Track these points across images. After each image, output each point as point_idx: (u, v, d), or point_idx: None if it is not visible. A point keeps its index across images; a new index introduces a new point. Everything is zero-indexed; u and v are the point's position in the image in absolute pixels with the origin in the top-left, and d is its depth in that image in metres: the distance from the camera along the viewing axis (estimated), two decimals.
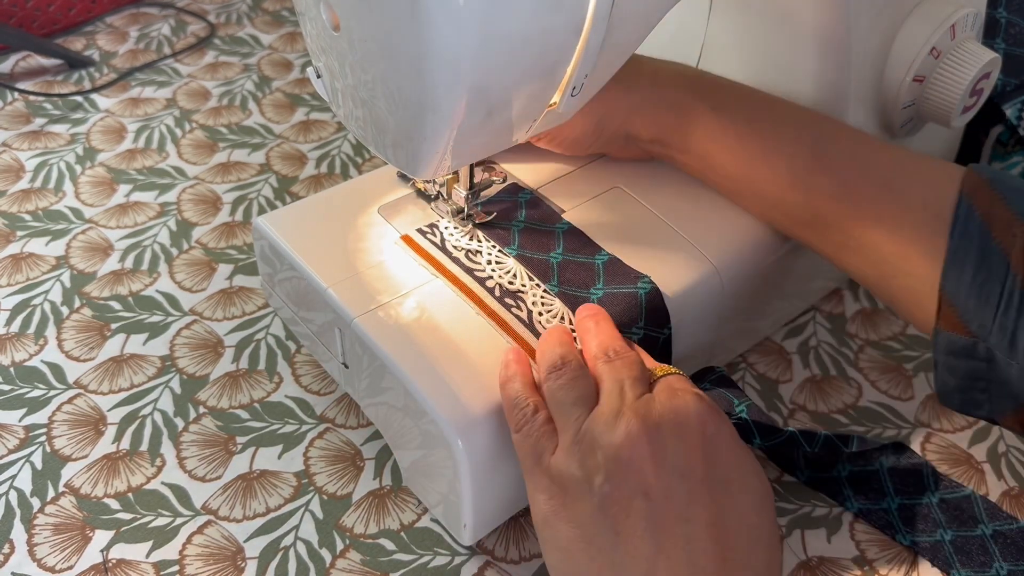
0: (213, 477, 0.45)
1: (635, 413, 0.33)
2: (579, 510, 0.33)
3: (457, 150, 0.36)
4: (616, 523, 0.32)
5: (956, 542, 0.42)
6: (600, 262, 0.44)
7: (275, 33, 0.80)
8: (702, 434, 0.33)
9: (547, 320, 0.41)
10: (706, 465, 0.32)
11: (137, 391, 0.49)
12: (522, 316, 0.42)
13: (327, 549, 0.42)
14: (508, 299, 0.42)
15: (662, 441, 0.32)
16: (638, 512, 0.31)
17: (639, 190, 0.49)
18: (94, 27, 0.80)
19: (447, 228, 0.45)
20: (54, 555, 0.42)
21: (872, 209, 0.42)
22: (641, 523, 0.31)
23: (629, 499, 0.32)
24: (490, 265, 0.43)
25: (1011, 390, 0.39)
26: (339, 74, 0.36)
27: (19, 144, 0.66)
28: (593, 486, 0.32)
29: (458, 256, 0.44)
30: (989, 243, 0.38)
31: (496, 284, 0.43)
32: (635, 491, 0.32)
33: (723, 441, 0.33)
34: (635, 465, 0.32)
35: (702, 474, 0.32)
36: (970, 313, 0.38)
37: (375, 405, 0.44)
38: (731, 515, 0.32)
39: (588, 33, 0.33)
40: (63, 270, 0.56)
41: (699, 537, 0.31)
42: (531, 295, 0.42)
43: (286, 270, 0.46)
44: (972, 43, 0.48)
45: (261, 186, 0.63)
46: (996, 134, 0.59)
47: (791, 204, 0.45)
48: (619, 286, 0.42)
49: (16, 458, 0.46)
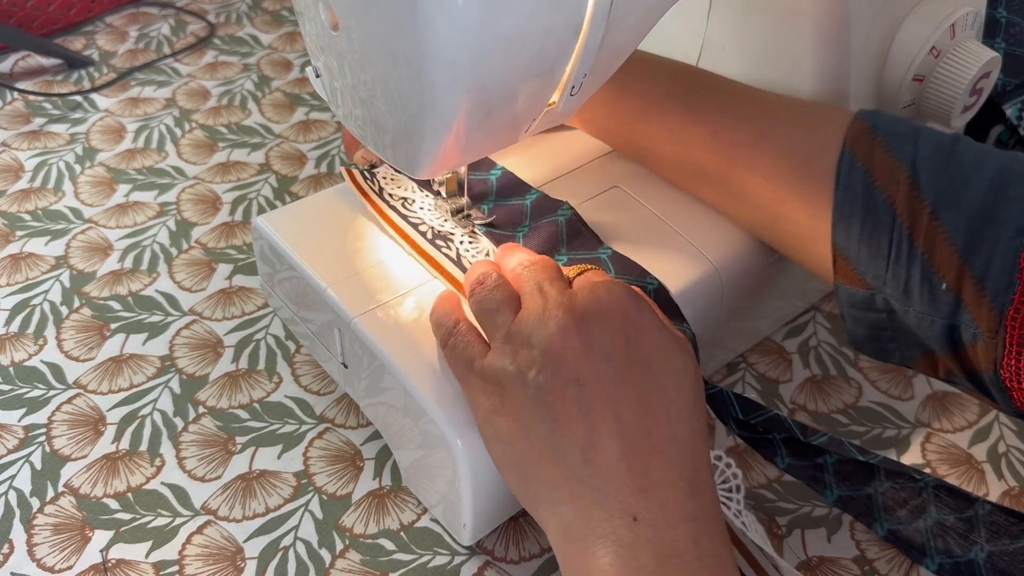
0: (213, 477, 0.45)
1: (561, 307, 0.35)
2: (516, 402, 0.34)
3: (456, 149, 0.36)
4: (552, 410, 0.34)
5: (934, 529, 0.42)
6: (605, 255, 0.44)
7: (275, 33, 0.80)
8: (624, 319, 0.35)
9: (473, 256, 0.44)
10: (629, 347, 0.34)
11: (137, 391, 0.49)
12: (451, 255, 0.44)
13: (327, 549, 0.42)
14: (439, 240, 0.44)
15: (589, 330, 0.34)
16: (572, 397, 0.33)
17: (639, 190, 0.48)
18: (94, 27, 0.80)
19: (385, 177, 0.48)
20: (53, 555, 0.42)
21: (745, 157, 0.43)
22: (575, 407, 0.33)
23: (563, 387, 0.34)
24: (423, 210, 0.46)
25: (916, 338, 0.39)
26: (338, 74, 0.36)
27: (19, 144, 0.66)
28: (527, 379, 0.34)
29: (395, 205, 0.46)
30: (873, 194, 0.39)
31: (428, 227, 0.45)
32: (568, 379, 0.34)
33: (644, 324, 0.35)
34: (567, 355, 0.34)
35: (626, 356, 0.34)
36: (863, 265, 0.39)
37: (375, 405, 0.44)
38: (654, 392, 0.34)
39: (587, 32, 0.33)
40: (63, 270, 0.56)
41: (626, 414, 0.33)
42: (459, 235, 0.45)
43: (285, 270, 0.46)
44: (972, 43, 0.48)
45: (261, 186, 0.63)
46: (996, 134, 0.59)
47: (673, 158, 0.46)
48: (627, 279, 0.43)
49: (16, 458, 0.46)
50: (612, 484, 0.32)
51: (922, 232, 0.37)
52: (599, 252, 0.44)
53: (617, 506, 0.32)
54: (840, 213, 0.40)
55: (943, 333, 0.38)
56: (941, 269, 0.37)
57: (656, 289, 0.42)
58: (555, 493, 0.33)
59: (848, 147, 0.40)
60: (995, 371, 0.36)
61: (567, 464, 0.33)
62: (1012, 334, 0.35)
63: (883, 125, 0.40)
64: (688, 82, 0.46)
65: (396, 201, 0.46)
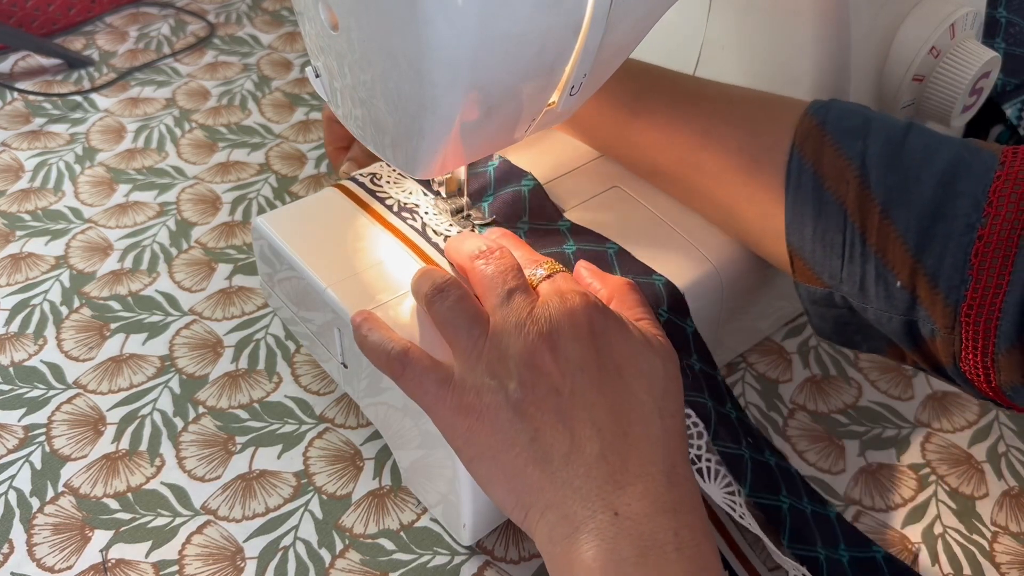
0: (212, 477, 0.45)
1: (534, 322, 0.36)
2: (496, 417, 0.35)
3: (455, 149, 0.36)
4: (532, 420, 0.34)
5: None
6: (611, 251, 0.44)
7: (275, 33, 0.80)
8: (591, 330, 0.36)
9: (435, 224, 0.45)
10: (600, 356, 0.35)
11: (136, 391, 0.49)
12: (416, 227, 0.45)
13: (327, 549, 0.42)
14: (404, 212, 0.46)
15: (562, 344, 0.35)
16: (551, 407, 0.34)
17: (639, 190, 0.48)
18: (93, 27, 0.80)
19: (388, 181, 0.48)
20: (53, 555, 0.42)
21: (694, 159, 0.44)
22: (554, 416, 0.34)
23: (542, 398, 0.35)
24: (427, 215, 0.46)
25: (878, 331, 0.40)
26: (338, 74, 0.36)
27: (18, 144, 0.66)
28: (508, 392, 0.35)
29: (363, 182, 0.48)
30: (823, 194, 0.39)
31: (395, 201, 0.46)
32: (547, 390, 0.35)
33: (612, 332, 0.36)
34: (544, 369, 0.35)
35: (598, 365, 0.35)
36: (819, 265, 0.40)
37: (375, 405, 0.44)
38: (626, 396, 0.35)
39: (586, 32, 0.33)
40: (62, 270, 0.56)
41: (602, 417, 0.34)
42: (424, 206, 0.46)
43: (285, 270, 0.46)
44: (972, 42, 0.48)
45: (260, 186, 0.63)
46: (996, 134, 0.59)
47: (631, 158, 0.47)
48: (634, 276, 0.43)
49: (15, 458, 0.46)
50: (593, 482, 0.33)
51: (874, 231, 0.38)
52: (606, 247, 0.44)
53: (599, 503, 0.33)
54: (792, 214, 0.40)
55: (902, 329, 0.38)
56: (895, 267, 0.37)
57: (664, 284, 0.43)
58: (541, 498, 0.34)
59: (797, 147, 0.40)
60: (955, 364, 0.37)
61: (551, 468, 0.34)
62: (967, 330, 0.35)
63: (832, 121, 0.40)
64: (640, 81, 0.46)
65: (438, 236, 0.45)
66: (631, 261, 0.44)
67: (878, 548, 0.42)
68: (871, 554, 0.41)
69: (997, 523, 0.45)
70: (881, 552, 0.41)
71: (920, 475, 0.47)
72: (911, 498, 0.46)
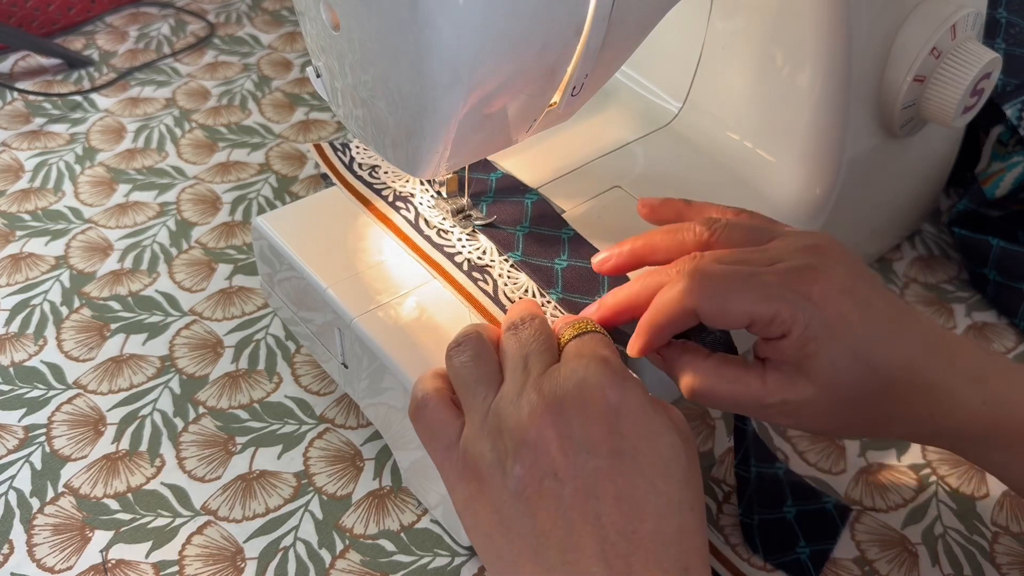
0: (212, 477, 0.45)
1: (537, 390, 0.32)
2: (495, 495, 0.32)
3: (456, 150, 0.36)
4: (531, 505, 0.31)
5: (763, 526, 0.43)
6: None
7: (275, 33, 0.80)
8: (605, 405, 0.32)
9: (512, 292, 0.43)
10: (612, 436, 0.31)
11: (137, 391, 0.49)
12: (409, 217, 0.45)
13: (327, 550, 0.42)
14: (399, 202, 0.45)
15: (565, 417, 0.31)
16: (549, 493, 0.31)
17: (639, 190, 0.48)
18: (93, 27, 0.80)
19: (357, 149, 0.49)
20: (53, 555, 0.42)
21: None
22: (553, 504, 0.31)
23: (540, 480, 0.31)
24: (459, 242, 0.45)
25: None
26: (339, 74, 0.36)
27: (18, 144, 0.66)
28: (506, 469, 0.32)
29: (362, 175, 0.47)
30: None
31: (391, 191, 0.46)
32: (545, 472, 0.31)
33: (628, 408, 0.32)
34: (541, 446, 0.31)
35: (608, 448, 0.31)
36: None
37: (375, 405, 0.44)
38: (639, 485, 0.31)
39: (588, 33, 0.33)
40: (63, 270, 0.56)
41: (607, 512, 0.30)
42: (419, 196, 0.46)
43: (285, 270, 0.46)
44: (972, 43, 0.48)
45: (261, 186, 0.63)
46: (996, 134, 0.59)
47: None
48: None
49: (15, 458, 0.46)
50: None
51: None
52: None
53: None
54: None
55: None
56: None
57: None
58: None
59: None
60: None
61: (547, 565, 0.31)
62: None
63: None
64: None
65: (431, 229, 0.45)
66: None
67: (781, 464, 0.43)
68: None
69: (997, 523, 0.45)
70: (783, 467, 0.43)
71: (920, 475, 0.47)
72: (911, 498, 0.46)
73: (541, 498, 0.31)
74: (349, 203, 0.47)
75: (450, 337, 0.40)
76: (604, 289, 0.42)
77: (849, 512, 0.44)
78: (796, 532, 0.43)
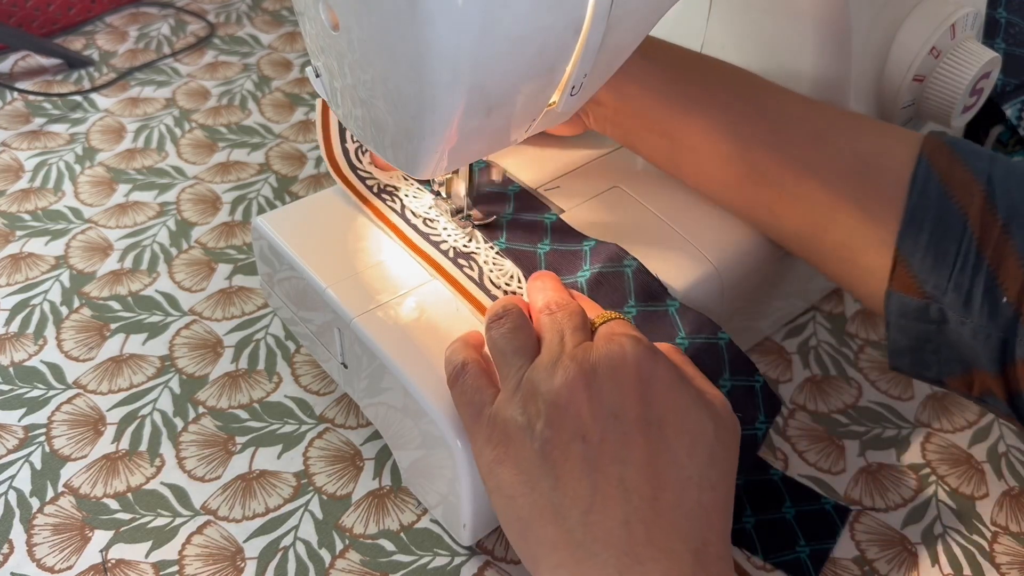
0: (212, 477, 0.45)
1: (572, 359, 0.34)
2: (522, 456, 0.33)
3: (456, 150, 0.36)
4: (556, 467, 0.32)
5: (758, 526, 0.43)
6: (673, 309, 0.42)
7: (275, 33, 0.80)
8: (638, 376, 0.33)
9: (498, 278, 0.43)
10: (641, 406, 0.33)
11: (136, 391, 0.49)
12: (473, 275, 0.43)
13: (327, 549, 0.42)
14: (461, 259, 0.44)
15: (598, 385, 0.33)
16: (576, 455, 0.32)
17: (639, 190, 0.48)
18: (93, 27, 0.80)
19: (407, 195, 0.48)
20: (53, 555, 0.42)
21: (803, 156, 0.42)
22: (579, 465, 0.32)
23: (568, 443, 0.32)
24: (446, 231, 0.45)
25: (960, 353, 0.39)
26: (338, 73, 0.36)
27: (18, 144, 0.66)
28: (535, 431, 0.33)
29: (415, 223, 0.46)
30: (946, 202, 0.38)
31: (450, 247, 0.45)
32: (574, 435, 0.32)
33: (659, 382, 0.33)
34: (572, 410, 0.33)
35: (636, 415, 0.32)
36: (925, 273, 0.39)
37: (374, 405, 0.44)
38: (664, 455, 0.32)
39: (587, 32, 0.33)
40: (62, 270, 0.56)
41: (632, 477, 0.31)
42: (483, 255, 0.44)
43: (285, 270, 0.46)
44: (972, 43, 0.48)
45: (260, 186, 0.63)
46: (996, 134, 0.59)
47: (727, 155, 0.44)
48: (607, 264, 0.43)
49: (15, 458, 0.46)
50: (611, 551, 0.31)
51: (991, 244, 0.37)
52: (667, 305, 0.42)
53: (615, 575, 0.30)
54: (910, 219, 0.39)
55: (996, 348, 0.37)
56: (1005, 283, 0.37)
57: (727, 344, 0.41)
58: (554, 555, 0.32)
59: (925, 156, 0.40)
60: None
61: (567, 526, 0.32)
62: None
63: (959, 144, 0.40)
64: (744, 80, 0.45)
65: (417, 219, 0.46)
66: (696, 318, 0.42)
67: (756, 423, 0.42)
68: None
69: (997, 523, 0.45)
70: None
71: (920, 475, 0.47)
72: (911, 498, 0.46)
73: (567, 459, 0.32)
74: (349, 203, 0.47)
75: (450, 337, 0.40)
76: (586, 263, 0.43)
77: (848, 512, 0.44)
78: (796, 532, 0.43)
